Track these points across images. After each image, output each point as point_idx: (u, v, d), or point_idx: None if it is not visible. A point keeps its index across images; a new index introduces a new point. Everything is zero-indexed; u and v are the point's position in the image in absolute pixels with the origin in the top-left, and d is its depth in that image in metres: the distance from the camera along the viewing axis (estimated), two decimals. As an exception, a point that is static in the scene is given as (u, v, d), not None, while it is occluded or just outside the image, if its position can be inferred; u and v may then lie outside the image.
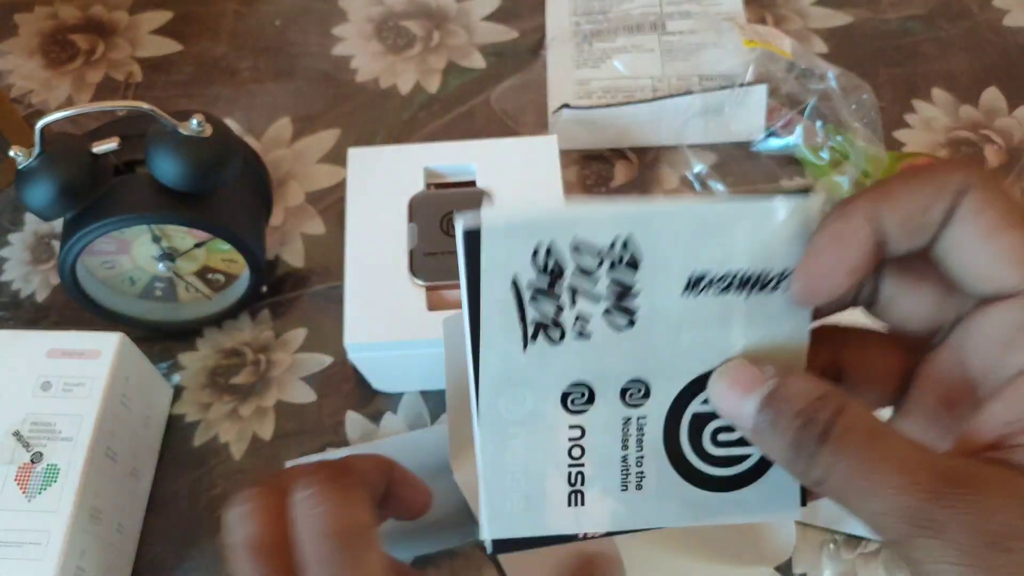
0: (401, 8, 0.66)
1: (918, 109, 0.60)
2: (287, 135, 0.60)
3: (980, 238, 0.22)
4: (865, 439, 0.21)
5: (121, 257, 0.48)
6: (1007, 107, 0.59)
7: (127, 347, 0.45)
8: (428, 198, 0.48)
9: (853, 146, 0.54)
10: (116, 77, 0.63)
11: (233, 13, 0.66)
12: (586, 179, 0.57)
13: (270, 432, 0.49)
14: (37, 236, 0.56)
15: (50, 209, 0.43)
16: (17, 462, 0.41)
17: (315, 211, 0.57)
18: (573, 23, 0.63)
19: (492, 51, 0.63)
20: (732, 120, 0.57)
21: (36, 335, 0.44)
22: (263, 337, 0.52)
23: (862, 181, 0.53)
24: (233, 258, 0.49)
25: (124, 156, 0.45)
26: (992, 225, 0.22)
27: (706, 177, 0.56)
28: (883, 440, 0.21)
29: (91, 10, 0.66)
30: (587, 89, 0.59)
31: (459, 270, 0.24)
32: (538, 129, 0.59)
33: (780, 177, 0.57)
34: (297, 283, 0.54)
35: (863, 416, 0.22)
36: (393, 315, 0.45)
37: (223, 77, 0.63)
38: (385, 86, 0.62)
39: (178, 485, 0.48)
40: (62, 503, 0.40)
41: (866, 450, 0.21)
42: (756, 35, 0.56)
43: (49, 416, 0.42)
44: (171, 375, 0.51)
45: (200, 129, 0.44)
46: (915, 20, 0.64)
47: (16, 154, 0.43)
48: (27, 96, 0.62)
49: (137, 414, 0.46)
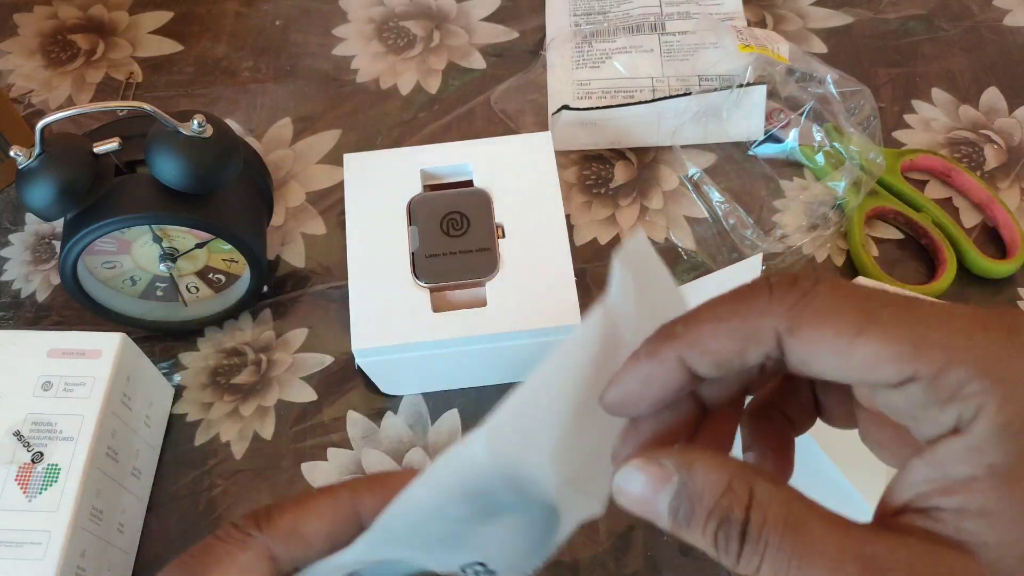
0: (402, 9, 0.66)
1: (918, 109, 0.60)
2: (288, 135, 0.60)
3: (838, 361, 0.21)
4: (784, 532, 0.20)
5: (122, 257, 0.48)
6: (1007, 107, 0.59)
7: (128, 347, 0.45)
8: (427, 200, 0.48)
9: (850, 149, 0.54)
10: (116, 77, 0.63)
11: (234, 13, 0.66)
12: (586, 179, 0.57)
13: (271, 432, 0.49)
14: (38, 236, 0.56)
15: (51, 209, 0.43)
16: (18, 462, 0.41)
17: (316, 211, 0.57)
18: (573, 23, 0.63)
19: (492, 51, 0.63)
20: (731, 121, 0.57)
21: (37, 335, 0.44)
22: (264, 337, 0.52)
23: (860, 183, 0.53)
24: (234, 258, 0.49)
25: (125, 156, 0.45)
26: (838, 349, 0.21)
27: (701, 181, 0.56)
28: (804, 528, 0.21)
29: (91, 10, 0.66)
30: (587, 89, 0.59)
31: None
32: (538, 129, 0.59)
33: (778, 178, 0.57)
34: (298, 283, 0.54)
35: (776, 500, 0.21)
36: (399, 319, 0.45)
37: (224, 77, 0.63)
38: (386, 87, 0.62)
39: (179, 485, 0.48)
40: (62, 503, 0.40)
41: (788, 546, 0.20)
42: (753, 39, 0.56)
43: (50, 416, 0.42)
44: (172, 375, 0.51)
45: (201, 129, 0.44)
46: (915, 20, 0.64)
47: (17, 154, 0.43)
48: (27, 96, 0.62)
49: (138, 414, 0.46)
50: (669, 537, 0.45)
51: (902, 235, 0.55)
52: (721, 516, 0.21)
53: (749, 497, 0.21)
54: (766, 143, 0.57)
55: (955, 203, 0.56)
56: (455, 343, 0.45)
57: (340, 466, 0.48)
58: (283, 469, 0.48)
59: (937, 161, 0.56)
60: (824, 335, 0.21)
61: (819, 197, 0.55)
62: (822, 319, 0.21)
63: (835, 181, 0.54)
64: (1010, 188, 0.56)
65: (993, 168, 0.57)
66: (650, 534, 0.46)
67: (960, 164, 0.56)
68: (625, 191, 0.57)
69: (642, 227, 0.55)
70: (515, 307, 0.45)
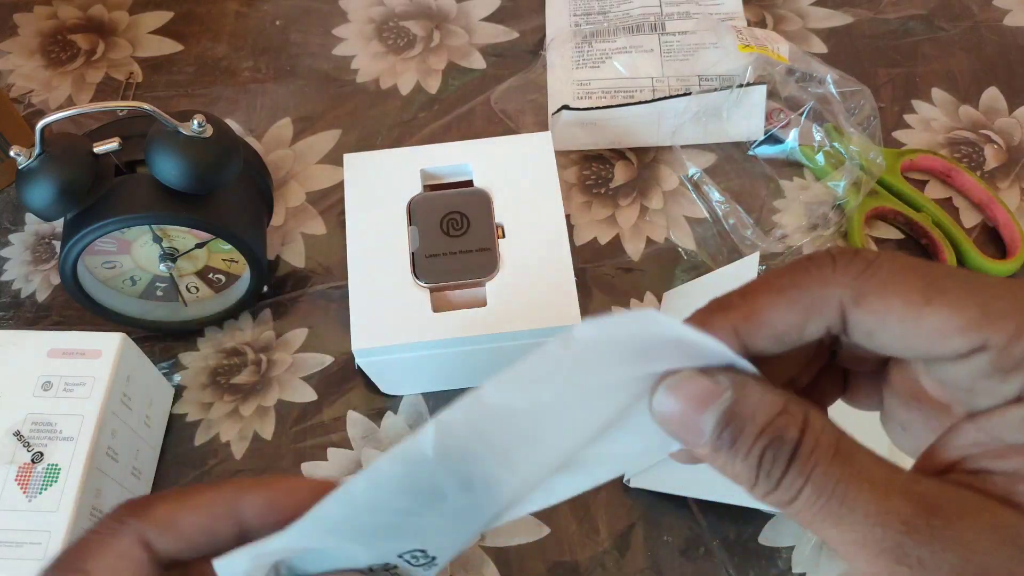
0: (402, 9, 0.66)
1: (918, 109, 0.60)
2: (288, 135, 0.60)
3: (905, 331, 0.21)
4: (834, 457, 0.20)
5: (122, 257, 0.48)
6: (1007, 107, 0.59)
7: (128, 347, 0.45)
8: (427, 200, 0.48)
9: (850, 149, 0.54)
10: (116, 77, 0.63)
11: (234, 13, 0.66)
12: (586, 179, 0.57)
13: (271, 432, 0.49)
14: (38, 236, 0.56)
15: (51, 209, 0.43)
16: (18, 462, 0.41)
17: (316, 211, 0.57)
18: (573, 23, 0.63)
19: (492, 51, 0.63)
20: (731, 121, 0.57)
21: (37, 335, 0.44)
22: (264, 337, 0.52)
23: (860, 183, 0.53)
24: (234, 258, 0.49)
25: (125, 156, 0.45)
26: (907, 318, 0.20)
27: (701, 181, 0.56)
28: (853, 458, 0.20)
29: (91, 10, 0.66)
30: (587, 89, 0.59)
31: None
32: (538, 129, 0.59)
33: (778, 178, 0.57)
34: (298, 283, 0.54)
35: (828, 429, 0.20)
36: (399, 319, 0.45)
37: (224, 77, 0.63)
38: (386, 86, 0.62)
39: (179, 485, 0.48)
40: (63, 503, 0.40)
41: (837, 470, 0.20)
42: (753, 39, 0.56)
43: (50, 416, 0.42)
44: (172, 375, 0.51)
45: (201, 129, 0.44)
46: (915, 20, 0.64)
47: (17, 154, 0.43)
48: (27, 96, 0.62)
49: (138, 414, 0.46)
50: (669, 537, 0.45)
51: (902, 235, 0.55)
52: (774, 435, 0.20)
53: (804, 421, 0.20)
54: (766, 143, 0.57)
55: (955, 203, 0.56)
56: (455, 343, 0.45)
57: (340, 466, 0.48)
58: (283, 469, 0.48)
59: (937, 161, 0.56)
60: (892, 304, 0.20)
61: (819, 197, 0.55)
62: (889, 288, 0.21)
63: (835, 181, 0.54)
64: (1010, 188, 0.56)
65: (993, 168, 0.57)
66: (650, 534, 0.46)
67: (960, 164, 0.56)
68: (625, 191, 0.57)
69: (642, 227, 0.55)
70: (515, 307, 0.45)
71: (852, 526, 0.19)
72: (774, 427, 0.20)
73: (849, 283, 0.21)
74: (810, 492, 0.20)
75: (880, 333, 0.21)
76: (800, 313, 0.21)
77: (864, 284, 0.21)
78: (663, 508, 0.46)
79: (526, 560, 0.45)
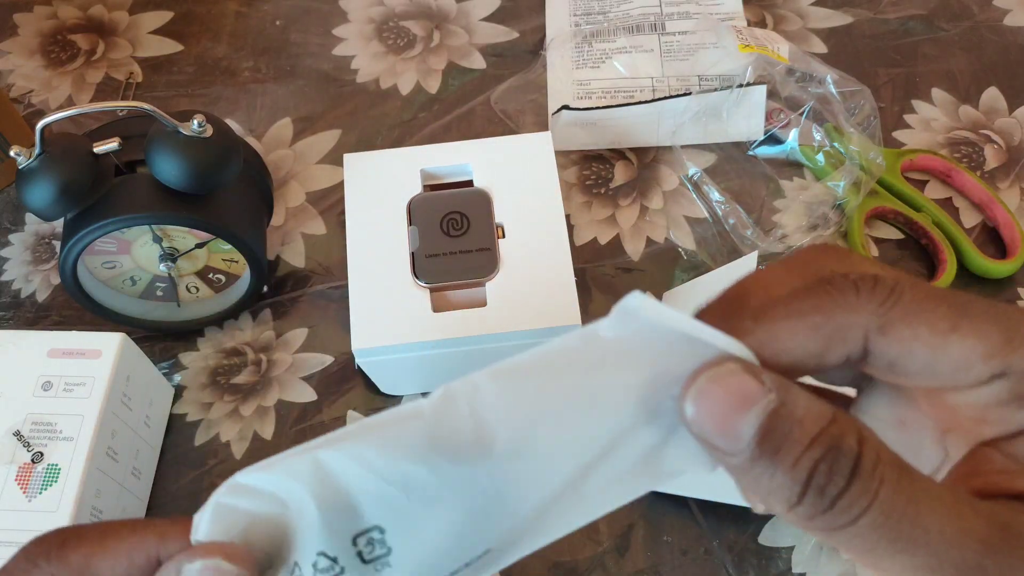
0: (402, 9, 0.66)
1: (918, 109, 0.60)
2: (288, 135, 0.60)
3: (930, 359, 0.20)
4: (903, 473, 0.18)
5: (122, 257, 0.48)
6: (1007, 107, 0.59)
7: (128, 347, 0.45)
8: (427, 200, 0.48)
9: (850, 149, 0.54)
10: (116, 77, 0.63)
11: (234, 13, 0.66)
12: (586, 179, 0.57)
13: (271, 432, 0.49)
14: (38, 236, 0.56)
15: (51, 209, 0.43)
16: (18, 462, 0.41)
17: (316, 211, 0.57)
18: (573, 23, 0.63)
19: (492, 51, 0.63)
20: (731, 121, 0.57)
21: (37, 335, 0.44)
22: (264, 337, 0.52)
23: (860, 183, 0.53)
24: (234, 258, 0.49)
25: (125, 156, 0.45)
26: (933, 346, 0.19)
27: (701, 181, 0.56)
28: (916, 474, 0.18)
29: (91, 10, 0.66)
30: (587, 89, 0.59)
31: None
32: (538, 129, 0.59)
33: (778, 178, 0.57)
34: (298, 283, 0.54)
35: (883, 443, 0.19)
36: (399, 319, 0.45)
37: (224, 77, 0.63)
38: (386, 86, 0.62)
39: (179, 485, 0.48)
40: (63, 503, 0.40)
41: (907, 487, 0.18)
42: (753, 39, 0.56)
43: (50, 416, 0.42)
44: (172, 375, 0.51)
45: (201, 129, 0.44)
46: (915, 20, 0.64)
47: (17, 154, 0.43)
48: (27, 96, 0.62)
49: (138, 414, 0.46)
50: (669, 537, 0.45)
51: (902, 235, 0.55)
52: (830, 443, 0.18)
53: (860, 431, 0.18)
54: (766, 143, 0.57)
55: (955, 203, 0.56)
56: (455, 343, 0.45)
57: (340, 466, 0.48)
58: (283, 469, 0.48)
59: (937, 161, 0.56)
60: (919, 332, 0.19)
61: (819, 197, 0.55)
62: (915, 316, 0.20)
63: (835, 181, 0.54)
64: (1010, 188, 0.56)
65: (993, 168, 0.57)
66: (650, 534, 0.46)
67: (960, 164, 0.56)
68: (625, 191, 0.57)
69: (642, 227, 0.55)
70: (515, 307, 0.45)
71: (926, 549, 0.18)
72: (828, 435, 0.18)
73: (875, 310, 0.20)
74: (877, 513, 0.18)
75: (904, 361, 0.20)
76: (822, 341, 0.20)
77: (891, 312, 0.20)
78: (663, 508, 0.46)
79: (526, 560, 0.45)
